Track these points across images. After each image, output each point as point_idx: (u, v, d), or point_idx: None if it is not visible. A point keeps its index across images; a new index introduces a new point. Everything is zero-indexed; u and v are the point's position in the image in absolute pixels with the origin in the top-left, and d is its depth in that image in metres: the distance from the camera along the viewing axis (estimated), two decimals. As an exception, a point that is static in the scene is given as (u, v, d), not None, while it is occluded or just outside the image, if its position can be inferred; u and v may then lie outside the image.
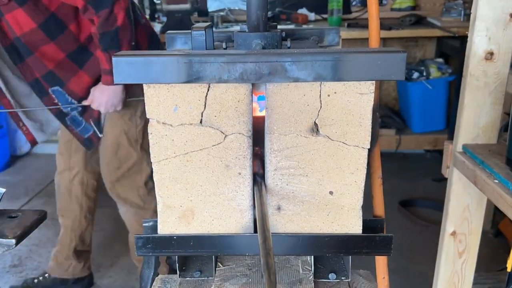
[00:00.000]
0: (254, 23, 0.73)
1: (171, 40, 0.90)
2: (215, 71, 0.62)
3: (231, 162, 0.68)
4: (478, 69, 1.20)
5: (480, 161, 1.16)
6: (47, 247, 2.58)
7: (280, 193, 0.70)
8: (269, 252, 0.52)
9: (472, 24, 1.20)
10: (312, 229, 0.72)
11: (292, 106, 0.66)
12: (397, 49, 0.62)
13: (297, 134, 0.67)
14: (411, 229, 2.66)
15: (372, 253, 0.72)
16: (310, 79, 0.62)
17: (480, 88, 1.22)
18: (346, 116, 0.66)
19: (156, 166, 0.69)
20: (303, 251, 0.73)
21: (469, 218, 1.34)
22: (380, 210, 0.84)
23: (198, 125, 0.67)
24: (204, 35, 0.70)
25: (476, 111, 1.23)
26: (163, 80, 0.63)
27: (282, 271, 0.80)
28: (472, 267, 1.39)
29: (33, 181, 3.47)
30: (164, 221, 0.72)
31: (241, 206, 0.71)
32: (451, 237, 1.35)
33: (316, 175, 0.69)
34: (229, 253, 0.73)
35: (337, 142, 0.67)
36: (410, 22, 3.23)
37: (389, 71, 0.62)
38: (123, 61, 0.62)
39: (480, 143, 1.25)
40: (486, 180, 1.10)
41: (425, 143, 3.46)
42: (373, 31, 0.79)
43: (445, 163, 1.34)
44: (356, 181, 0.69)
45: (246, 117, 0.67)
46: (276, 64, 0.61)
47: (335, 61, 0.61)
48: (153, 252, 0.72)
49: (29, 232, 0.79)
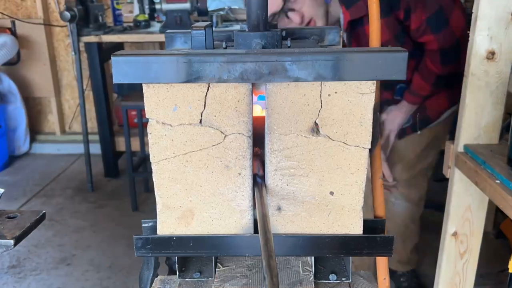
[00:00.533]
0: (254, 23, 0.72)
1: (171, 39, 0.90)
2: (214, 71, 0.62)
3: (231, 162, 0.68)
4: (480, 69, 1.20)
5: (482, 161, 1.16)
6: (45, 248, 2.58)
7: (280, 194, 0.70)
8: (271, 254, 0.52)
9: (473, 23, 1.20)
10: (313, 230, 0.72)
11: (292, 106, 0.66)
12: (398, 49, 0.62)
13: (297, 134, 0.67)
14: (412, 230, 2.65)
15: (373, 254, 0.72)
16: (311, 79, 0.62)
17: (482, 88, 1.22)
18: (346, 116, 0.66)
19: (156, 166, 0.69)
20: (304, 252, 0.73)
21: (470, 219, 1.33)
22: (381, 211, 0.84)
23: (198, 125, 0.67)
24: (204, 35, 0.70)
25: (478, 111, 1.23)
26: (162, 80, 0.63)
27: (283, 272, 0.80)
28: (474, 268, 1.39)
29: (31, 182, 3.47)
30: (163, 221, 0.72)
31: (241, 207, 0.71)
32: (453, 237, 1.35)
33: (317, 175, 0.69)
34: (229, 254, 0.73)
35: (337, 142, 0.67)
36: (411, 22, 3.22)
37: (390, 71, 0.62)
38: (122, 61, 0.62)
39: (482, 143, 1.25)
40: (488, 180, 1.10)
41: (426, 143, 3.45)
42: (374, 30, 0.79)
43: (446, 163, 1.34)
44: (357, 181, 0.69)
45: (246, 117, 0.67)
46: (276, 64, 0.61)
47: (335, 60, 0.61)
48: (153, 252, 0.72)
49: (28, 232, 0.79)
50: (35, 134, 4.14)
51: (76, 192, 3.30)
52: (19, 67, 3.81)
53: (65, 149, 4.03)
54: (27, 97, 3.97)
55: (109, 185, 3.42)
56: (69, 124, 4.17)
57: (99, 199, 3.19)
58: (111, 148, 3.49)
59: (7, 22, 3.67)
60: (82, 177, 3.46)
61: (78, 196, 3.25)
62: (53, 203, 3.13)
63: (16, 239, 0.76)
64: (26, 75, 3.91)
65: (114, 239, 2.64)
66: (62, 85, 4.09)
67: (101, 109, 3.36)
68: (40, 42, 3.84)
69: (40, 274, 2.36)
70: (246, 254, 0.73)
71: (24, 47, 3.78)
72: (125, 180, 3.38)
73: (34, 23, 3.75)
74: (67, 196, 3.25)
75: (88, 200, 3.19)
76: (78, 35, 3.09)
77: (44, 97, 4.08)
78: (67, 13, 2.94)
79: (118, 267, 2.41)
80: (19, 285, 2.27)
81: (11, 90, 3.78)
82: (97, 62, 3.22)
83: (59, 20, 3.46)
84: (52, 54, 3.96)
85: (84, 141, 3.30)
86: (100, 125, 3.42)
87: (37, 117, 4.17)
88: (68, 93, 4.10)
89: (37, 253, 2.54)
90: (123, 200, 3.13)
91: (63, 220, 2.91)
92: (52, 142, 4.10)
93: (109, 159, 3.50)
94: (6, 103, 3.79)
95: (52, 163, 3.84)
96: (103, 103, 3.33)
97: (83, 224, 2.85)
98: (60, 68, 4.04)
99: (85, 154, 3.31)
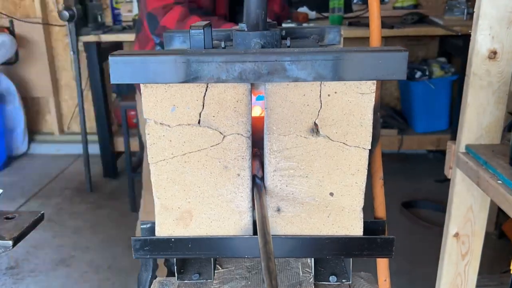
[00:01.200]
0: (253, 22, 0.72)
1: (169, 39, 0.90)
2: (213, 71, 0.62)
3: (230, 163, 0.68)
4: (482, 68, 1.20)
5: (484, 162, 1.16)
6: (44, 249, 2.58)
7: (280, 195, 0.70)
8: (270, 256, 0.52)
9: (475, 22, 1.19)
10: (312, 231, 0.72)
11: (291, 106, 0.66)
12: (399, 48, 0.62)
13: (296, 135, 0.67)
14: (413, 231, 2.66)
15: (373, 255, 0.72)
16: (310, 79, 0.62)
17: (484, 88, 1.22)
18: (346, 116, 0.66)
19: (154, 167, 0.69)
20: (303, 254, 0.73)
21: (472, 220, 1.33)
22: (382, 212, 0.84)
23: (196, 125, 0.67)
24: (203, 34, 0.70)
25: (480, 111, 1.23)
26: (160, 80, 0.63)
27: (282, 273, 0.79)
28: (475, 269, 1.39)
29: (30, 182, 3.47)
30: (161, 223, 0.72)
31: (240, 208, 0.71)
32: (454, 238, 1.35)
33: (316, 176, 0.69)
34: (228, 255, 0.73)
35: (337, 142, 0.67)
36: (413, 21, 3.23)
37: (390, 71, 0.62)
38: (120, 61, 0.62)
39: (484, 144, 1.25)
40: (490, 181, 1.10)
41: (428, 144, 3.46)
42: (374, 29, 0.79)
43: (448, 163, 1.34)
44: (357, 182, 0.69)
45: (245, 118, 0.66)
46: (275, 64, 0.61)
47: (335, 60, 0.61)
48: (151, 254, 0.72)
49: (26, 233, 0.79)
50: (34, 134, 4.14)
51: (74, 193, 3.30)
52: (18, 67, 3.81)
53: (64, 149, 4.03)
54: (25, 97, 3.97)
55: (108, 185, 3.42)
56: (68, 124, 4.18)
57: (98, 200, 3.19)
58: (110, 149, 3.49)
59: (5, 21, 3.67)
60: (81, 177, 3.46)
61: (77, 196, 3.25)
62: (52, 203, 3.13)
63: (14, 240, 0.76)
64: (24, 75, 3.91)
65: (113, 240, 2.64)
66: (61, 85, 4.09)
67: (100, 109, 3.36)
68: (38, 42, 3.84)
69: (39, 276, 2.36)
70: (245, 255, 0.73)
71: (23, 47, 3.78)
72: (124, 180, 3.38)
73: (33, 22, 3.75)
74: (65, 196, 3.25)
75: (87, 200, 3.18)
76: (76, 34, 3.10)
77: (42, 97, 4.08)
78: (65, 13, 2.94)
79: (117, 268, 2.41)
80: (17, 287, 2.27)
81: (9, 90, 3.78)
82: (95, 62, 3.22)
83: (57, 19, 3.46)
84: (51, 54, 3.96)
85: (83, 141, 3.30)
86: (99, 125, 3.42)
87: (36, 117, 4.17)
88: (67, 93, 4.10)
89: (36, 254, 2.53)
90: (122, 200, 3.12)
91: (62, 221, 2.91)
92: (51, 143, 4.10)
93: (108, 159, 3.50)
94: (4, 103, 3.79)
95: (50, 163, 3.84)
96: (102, 103, 3.34)
97: (82, 225, 2.85)
98: (59, 68, 4.04)
99: (83, 154, 3.31)
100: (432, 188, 3.14)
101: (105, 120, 3.38)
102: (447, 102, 3.43)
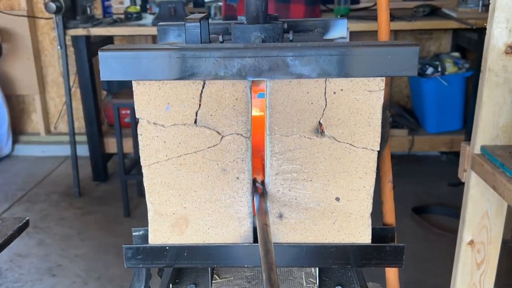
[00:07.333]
0: (253, 14, 0.72)
1: (163, 32, 0.90)
2: (210, 67, 0.62)
3: (228, 165, 0.68)
4: (498, 64, 1.20)
5: (500, 164, 1.16)
6: (29, 257, 2.58)
7: (282, 200, 0.70)
8: (272, 266, 0.52)
9: (491, 15, 1.19)
10: (317, 239, 0.72)
11: (294, 105, 0.66)
12: (409, 42, 0.62)
13: (300, 135, 0.67)
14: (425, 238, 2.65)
15: (382, 264, 0.72)
16: (314, 75, 0.62)
17: (500, 85, 1.22)
18: (353, 116, 0.66)
19: (147, 170, 0.69)
20: (307, 263, 0.73)
21: (488, 226, 1.33)
22: (391, 218, 0.84)
23: (192, 125, 0.67)
24: (199, 27, 0.70)
25: (496, 110, 1.23)
26: (153, 77, 0.63)
27: (285, 283, 0.80)
28: (492, 279, 1.39)
29: (14, 186, 3.47)
30: (155, 230, 0.72)
31: (239, 214, 0.71)
32: (469, 246, 1.35)
33: (321, 179, 0.69)
34: (226, 264, 0.73)
35: (343, 143, 0.67)
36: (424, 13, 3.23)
37: (400, 66, 0.62)
38: (110, 56, 0.62)
39: (500, 144, 1.25)
40: (507, 184, 1.10)
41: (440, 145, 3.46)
42: (382, 22, 0.79)
43: (462, 166, 1.34)
44: (365, 186, 0.69)
45: (245, 116, 0.66)
46: (277, 59, 0.61)
47: (341, 55, 0.61)
48: (144, 263, 0.72)
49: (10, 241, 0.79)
50: (18, 134, 4.14)
51: (62, 197, 3.30)
52: (1, 62, 3.82)
53: (50, 150, 4.03)
54: (9, 95, 3.97)
55: (97, 189, 3.42)
56: (55, 124, 4.18)
57: (87, 205, 3.19)
58: (100, 150, 3.49)
59: (-12, 14, 3.67)
60: (69, 181, 3.46)
61: (64, 201, 3.25)
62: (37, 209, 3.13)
63: (-4, 249, 0.76)
64: (8, 71, 3.91)
65: (103, 248, 2.64)
66: (47, 82, 4.09)
67: (89, 107, 3.36)
68: (23, 36, 3.84)
69: (23, 286, 2.36)
70: (245, 264, 0.73)
71: (6, 41, 3.79)
72: (114, 184, 3.38)
73: (17, 15, 3.75)
74: (52, 201, 3.25)
75: (75, 206, 3.19)
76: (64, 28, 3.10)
77: (27, 95, 4.08)
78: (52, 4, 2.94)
79: (108, 278, 2.41)
80: (0, 298, 2.27)
81: (-8, 88, 3.79)
82: (84, 57, 3.22)
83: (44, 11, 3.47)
84: (37, 49, 3.97)
85: (71, 142, 3.30)
86: (88, 125, 3.42)
87: (20, 116, 4.17)
88: (54, 91, 4.10)
89: (20, 263, 2.53)
90: (113, 205, 3.13)
91: (48, 227, 2.91)
92: (36, 144, 4.10)
93: (98, 161, 3.50)
94: (-13, 102, 3.79)
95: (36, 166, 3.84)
96: (91, 101, 3.34)
97: (70, 232, 2.85)
98: (45, 64, 4.04)
99: (71, 156, 3.31)
100: (445, 192, 3.14)
101: (94, 120, 3.38)
102: (461, 100, 3.43)
